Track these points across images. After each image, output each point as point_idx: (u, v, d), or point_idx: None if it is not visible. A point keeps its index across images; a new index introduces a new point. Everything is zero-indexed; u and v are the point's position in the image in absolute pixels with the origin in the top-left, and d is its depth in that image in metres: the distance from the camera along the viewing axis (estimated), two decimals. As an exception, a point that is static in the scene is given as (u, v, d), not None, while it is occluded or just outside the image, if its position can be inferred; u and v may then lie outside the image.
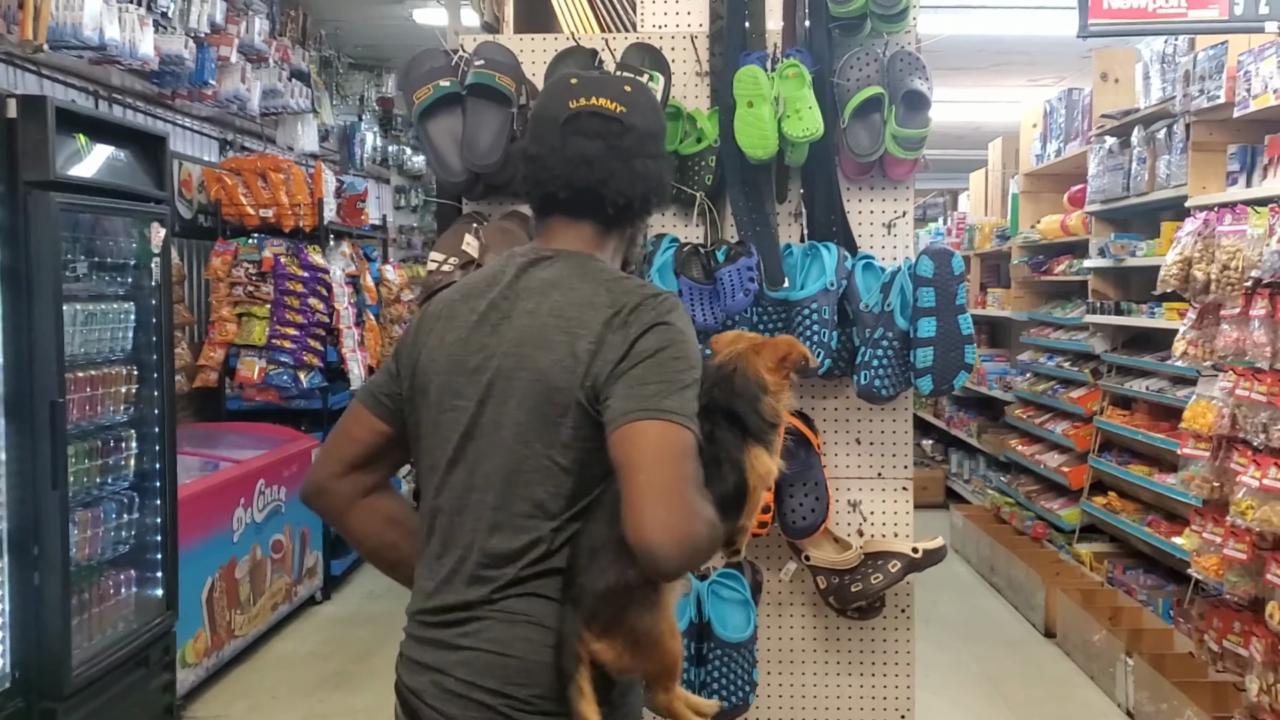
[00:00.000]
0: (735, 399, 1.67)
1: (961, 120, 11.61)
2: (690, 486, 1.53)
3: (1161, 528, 5.36)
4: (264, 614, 5.54)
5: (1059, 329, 7.01)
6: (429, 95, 2.75)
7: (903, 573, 2.72)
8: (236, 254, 6.33)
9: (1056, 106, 7.08)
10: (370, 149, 9.78)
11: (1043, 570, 6.03)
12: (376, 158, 10.07)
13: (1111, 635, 4.91)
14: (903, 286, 2.66)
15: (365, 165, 9.63)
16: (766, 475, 1.68)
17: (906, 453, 2.88)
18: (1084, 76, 8.15)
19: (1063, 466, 6.54)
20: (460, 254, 2.78)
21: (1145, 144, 5.45)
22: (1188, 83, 4.89)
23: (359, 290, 7.09)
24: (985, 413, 8.63)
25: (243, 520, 5.28)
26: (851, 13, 2.72)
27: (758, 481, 1.66)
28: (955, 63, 8.97)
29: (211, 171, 6.54)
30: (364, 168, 9.57)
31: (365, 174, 9.48)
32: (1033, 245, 7.47)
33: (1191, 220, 3.75)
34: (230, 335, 6.27)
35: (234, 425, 6.25)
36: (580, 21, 3.16)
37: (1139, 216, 6.01)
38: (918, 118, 2.73)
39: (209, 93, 6.00)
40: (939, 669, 5.14)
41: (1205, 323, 3.68)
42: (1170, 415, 5.38)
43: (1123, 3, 4.21)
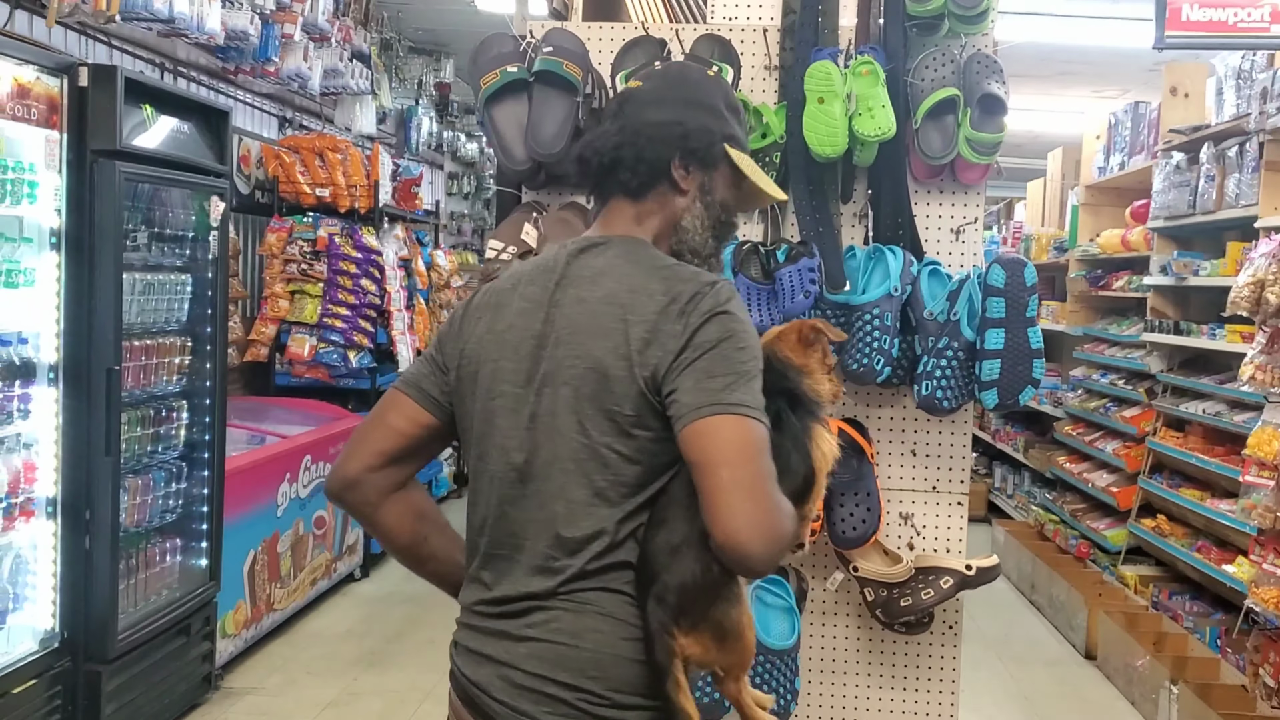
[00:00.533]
0: (784, 380, 1.70)
1: (1021, 128, 11.45)
2: (771, 482, 1.53)
3: (1211, 554, 5.25)
4: (303, 589, 5.57)
5: (1114, 346, 6.89)
6: (496, 80, 2.72)
7: (955, 589, 2.66)
8: (292, 231, 6.37)
9: (1122, 119, 6.96)
10: (426, 134, 9.81)
11: (1085, 591, 5.93)
12: (432, 143, 10.10)
13: (1155, 661, 4.82)
14: (971, 295, 2.60)
15: (420, 150, 9.66)
16: (830, 454, 1.69)
17: (964, 467, 2.82)
18: (1150, 90, 8.02)
19: (1111, 486, 6.43)
20: (519, 243, 2.75)
21: (1214, 161, 5.34)
22: (1265, 100, 4.77)
23: (410, 274, 7.11)
24: (1033, 427, 8.51)
25: (287, 495, 5.31)
26: (930, 12, 2.67)
27: (823, 463, 1.68)
28: (1019, 69, 8.85)
29: (270, 148, 6.58)
30: (419, 152, 9.60)
31: (420, 159, 9.51)
32: (1091, 259, 7.35)
33: (1266, 241, 3.66)
34: (282, 312, 6.31)
35: (282, 401, 6.30)
36: (650, 11, 3.13)
37: (1203, 235, 5.89)
38: (993, 122, 2.67)
39: (271, 69, 6.03)
40: (975, 686, 5.06)
41: (1275, 348, 3.59)
42: (1226, 440, 5.27)
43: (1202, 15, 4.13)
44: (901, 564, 2.71)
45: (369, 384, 6.52)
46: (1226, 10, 4.15)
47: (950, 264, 2.78)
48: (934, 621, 2.79)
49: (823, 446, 1.68)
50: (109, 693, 3.76)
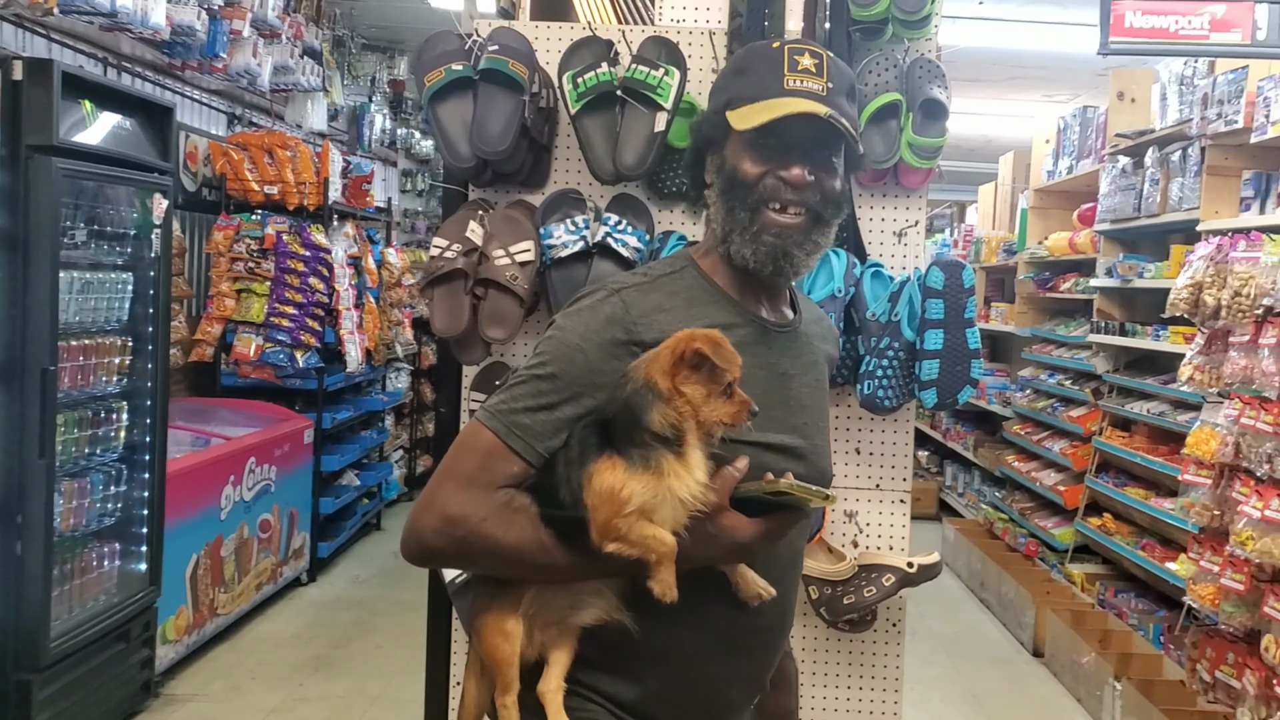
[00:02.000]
0: (613, 407, 1.49)
1: (974, 133, 11.57)
2: (445, 477, 1.54)
3: (1156, 552, 5.32)
4: (248, 593, 5.50)
5: (1061, 347, 6.98)
6: (441, 78, 2.70)
7: (897, 586, 2.68)
8: (239, 229, 6.28)
9: (1070, 123, 7.04)
10: (379, 131, 9.73)
11: (1033, 588, 5.99)
12: (385, 140, 10.02)
13: (1100, 658, 4.88)
14: (911, 297, 2.62)
15: (373, 147, 9.59)
16: (607, 492, 1.44)
17: (906, 465, 2.84)
18: (1099, 95, 8.13)
19: (1058, 485, 6.51)
20: (464, 240, 2.74)
21: (1159, 165, 5.42)
22: (1206, 106, 4.85)
23: (360, 272, 7.04)
24: (983, 427, 8.60)
25: (231, 498, 5.24)
26: (873, 17, 2.68)
27: (596, 500, 1.45)
28: (970, 74, 8.94)
29: (218, 145, 6.50)
30: (371, 149, 9.52)
31: (372, 156, 9.44)
32: (1039, 261, 7.44)
33: (1204, 244, 3.71)
34: (228, 311, 6.22)
35: (227, 401, 6.21)
36: (597, 11, 3.11)
37: (1148, 238, 5.98)
38: (935, 126, 2.68)
39: (219, 65, 5.95)
40: (924, 683, 5.11)
41: (1213, 348, 3.64)
42: (1170, 439, 5.35)
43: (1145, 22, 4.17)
44: (845, 562, 2.72)
45: (316, 384, 6.45)
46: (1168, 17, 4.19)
47: (893, 266, 2.80)
48: (877, 619, 2.80)
49: (595, 482, 1.46)
50: (40, 702, 3.68)
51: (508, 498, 1.53)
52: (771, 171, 1.61)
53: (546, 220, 2.70)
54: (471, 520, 1.51)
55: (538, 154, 2.82)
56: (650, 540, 1.45)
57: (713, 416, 1.48)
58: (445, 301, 2.72)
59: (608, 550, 1.46)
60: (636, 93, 2.63)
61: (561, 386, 1.55)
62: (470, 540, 1.52)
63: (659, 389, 1.47)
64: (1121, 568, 5.91)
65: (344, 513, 7.01)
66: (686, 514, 1.47)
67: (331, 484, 6.86)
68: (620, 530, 1.45)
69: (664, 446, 1.45)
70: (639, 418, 1.46)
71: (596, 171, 2.68)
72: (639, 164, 2.63)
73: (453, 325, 2.70)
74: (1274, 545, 3.14)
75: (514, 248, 2.69)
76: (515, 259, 2.69)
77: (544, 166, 2.86)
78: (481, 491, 1.52)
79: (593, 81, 2.65)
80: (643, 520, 1.45)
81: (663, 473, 1.45)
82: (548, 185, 2.87)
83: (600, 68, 2.67)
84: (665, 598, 1.46)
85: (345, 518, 7.05)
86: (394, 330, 7.84)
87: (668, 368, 1.47)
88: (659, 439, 1.45)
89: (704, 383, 1.48)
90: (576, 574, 1.54)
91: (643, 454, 1.45)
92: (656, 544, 1.45)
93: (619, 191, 2.78)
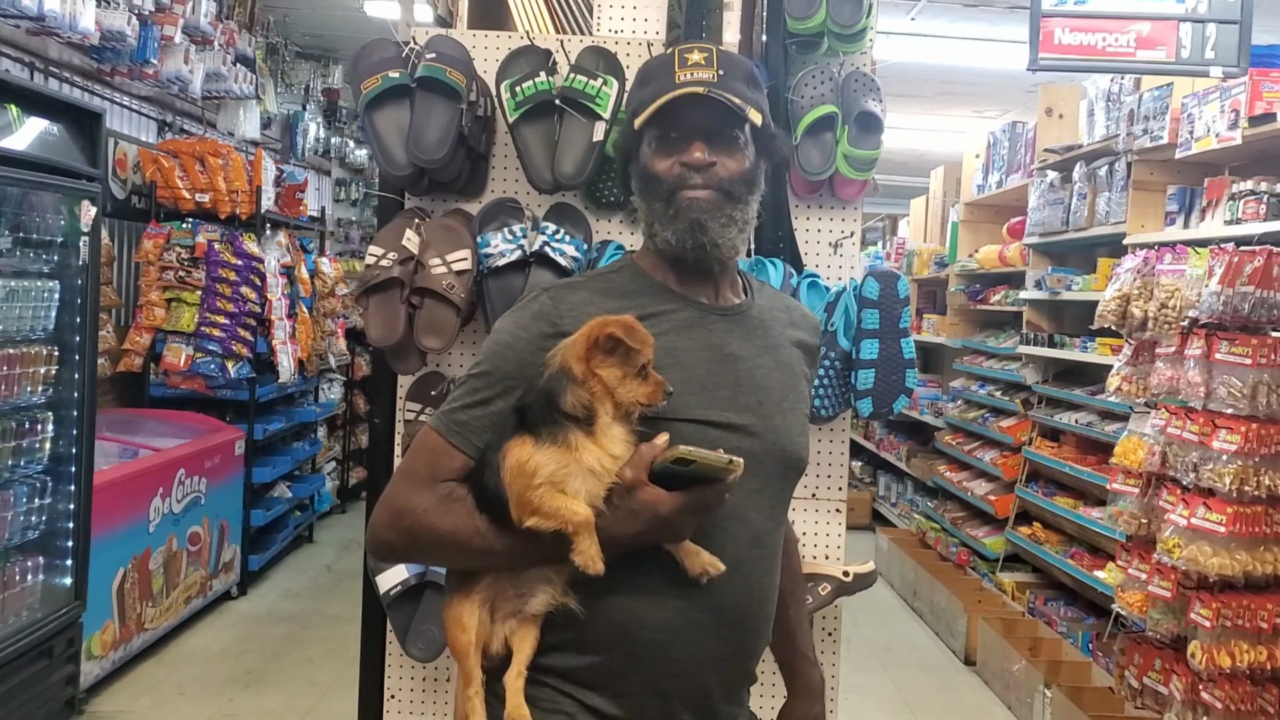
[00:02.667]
0: (530, 394, 1.57)
1: (905, 147, 11.75)
2: (398, 476, 1.66)
3: (1084, 560, 5.42)
4: (176, 607, 5.39)
5: (992, 358, 7.09)
6: (377, 85, 2.68)
7: (832, 596, 2.70)
8: (169, 238, 6.18)
9: (1000, 138, 7.18)
10: (313, 139, 9.63)
11: (965, 597, 6.07)
12: (318, 149, 9.92)
13: (1031, 666, 4.96)
14: (847, 307, 2.65)
15: (306, 156, 9.48)
16: (517, 467, 1.52)
17: (842, 475, 2.86)
18: (1028, 111, 8.29)
19: (989, 495, 6.60)
20: (400, 249, 2.71)
21: (1086, 180, 5.54)
22: (1132, 122, 4.97)
23: (293, 282, 6.96)
24: (915, 437, 8.71)
25: (160, 510, 5.13)
26: (809, 30, 2.71)
27: (510, 476, 1.52)
28: (902, 89, 9.07)
29: (148, 152, 6.39)
30: (305, 158, 9.42)
31: (306, 164, 9.33)
32: (970, 274, 7.56)
33: (1131, 258, 3.80)
34: (158, 320, 6.11)
35: (157, 412, 6.10)
36: (535, 21, 3.11)
37: (1076, 251, 6.11)
38: (870, 139, 2.72)
39: (150, 72, 5.86)
40: (858, 692, 5.15)
41: (1140, 360, 3.73)
42: (1098, 449, 5.45)
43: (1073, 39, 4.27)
44: (782, 573, 2.73)
45: (248, 395, 6.35)
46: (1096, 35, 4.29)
47: (829, 276, 2.82)
48: (814, 629, 2.82)
49: (508, 459, 1.53)
50: (-42, 720, 3.58)
51: (448, 490, 1.62)
52: (675, 160, 1.69)
53: (484, 229, 2.69)
54: (415, 512, 1.61)
55: (475, 163, 2.80)
56: (563, 510, 1.50)
57: (629, 397, 1.55)
58: (381, 311, 2.70)
59: (527, 525, 1.52)
60: (575, 102, 2.63)
61: (494, 382, 1.64)
62: (415, 531, 1.62)
63: (573, 373, 1.54)
64: (1051, 576, 6.01)
65: (275, 525, 6.91)
66: (601, 486, 1.52)
67: (263, 496, 6.75)
68: (533, 503, 1.51)
69: (575, 425, 1.52)
70: (553, 400, 1.53)
71: (535, 180, 2.68)
72: (577, 173, 2.63)
73: (388, 335, 2.67)
74: (1199, 553, 3.21)
75: (451, 256, 2.68)
76: (452, 268, 2.67)
77: (481, 175, 2.85)
78: (426, 486, 1.62)
79: (531, 90, 2.64)
80: (554, 491, 1.51)
81: (570, 445, 1.51)
82: (485, 194, 2.85)
83: (539, 77, 2.66)
84: (589, 569, 1.51)
85: (277, 530, 6.94)
86: (327, 340, 7.76)
87: (582, 353, 1.54)
88: (570, 418, 1.52)
89: (619, 365, 1.54)
90: (512, 557, 1.58)
91: (551, 431, 1.52)
92: (569, 514, 1.50)
93: (557, 200, 2.78)
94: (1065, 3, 4.30)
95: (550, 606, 1.60)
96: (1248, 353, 3.20)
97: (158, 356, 6.14)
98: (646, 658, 1.62)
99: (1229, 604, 3.23)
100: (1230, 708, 3.24)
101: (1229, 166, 4.67)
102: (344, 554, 7.45)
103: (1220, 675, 3.25)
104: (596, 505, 1.52)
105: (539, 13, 3.14)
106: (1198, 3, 4.27)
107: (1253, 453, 3.18)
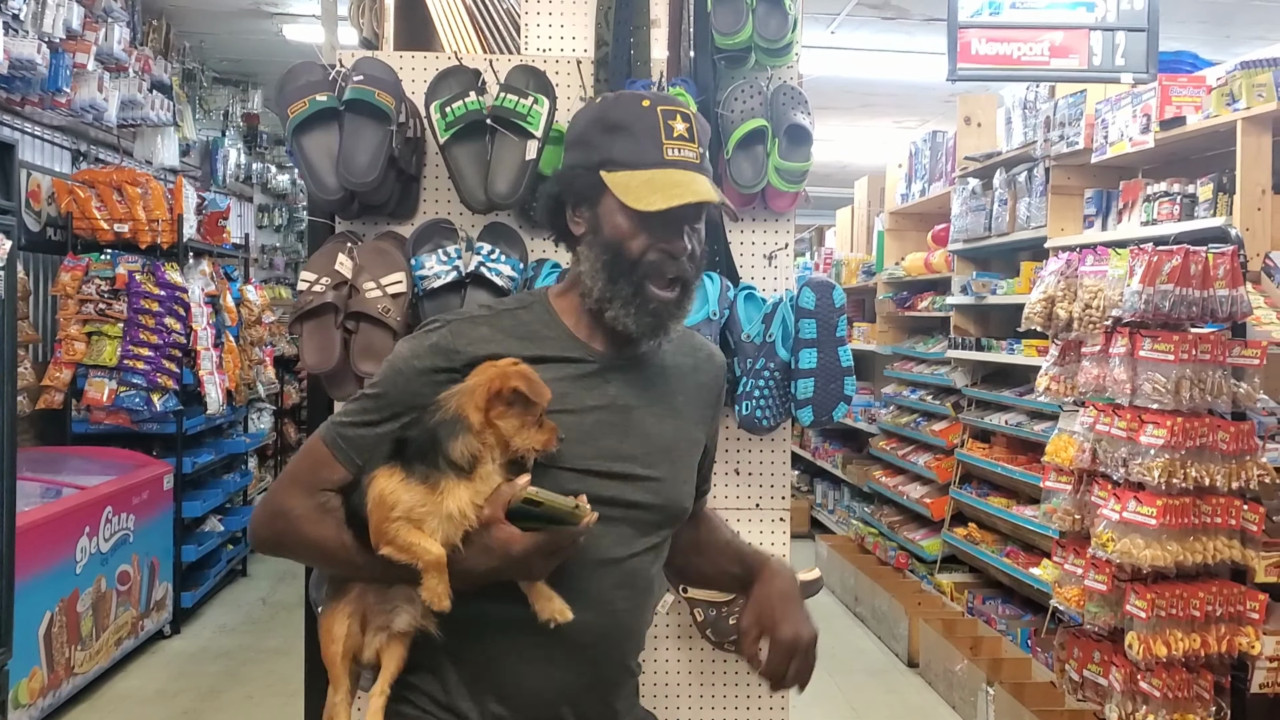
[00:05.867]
0: (416, 429, 1.60)
1: (830, 159, 11.91)
2: (283, 477, 1.72)
3: (1020, 558, 5.51)
4: (107, 650, 5.24)
5: (922, 363, 7.19)
6: (304, 109, 2.64)
7: (780, 605, 2.70)
8: (88, 269, 6.03)
9: (921, 148, 7.30)
10: (234, 166, 9.49)
11: (905, 600, 6.14)
12: (240, 175, 9.78)
13: (972, 665, 5.02)
14: (784, 317, 2.66)
15: (228, 182, 9.34)
16: (378, 497, 1.57)
17: (785, 484, 2.88)
18: (947, 120, 8.45)
19: (924, 498, 6.69)
20: (333, 274, 2.68)
21: (1006, 186, 5.65)
22: (1048, 128, 5.09)
23: (219, 311, 6.83)
24: (850, 444, 8.79)
25: (87, 550, 4.99)
26: (736, 45, 2.73)
27: (374, 504, 1.57)
28: (824, 102, 9.20)
29: (63, 183, 6.23)
30: (226, 185, 9.27)
31: (228, 191, 9.19)
32: (897, 281, 7.67)
33: (1054, 260, 3.88)
34: (78, 355, 5.95)
35: (80, 450, 5.93)
36: (462, 41, 3.10)
37: (999, 256, 6.23)
38: (800, 151, 2.74)
39: (62, 100, 5.72)
40: (805, 700, 5.13)
41: (1067, 359, 3.80)
42: (1028, 449, 5.56)
43: (990, 49, 4.37)
44: (729, 585, 2.73)
45: (175, 428, 6.21)
46: (1011, 45, 4.40)
47: (764, 288, 2.84)
48: (762, 640, 2.82)
49: (372, 488, 1.58)
50: (-115, 776, 3.44)
51: (325, 499, 1.67)
52: (654, 246, 1.67)
53: (418, 251, 2.66)
54: (290, 516, 1.67)
55: (406, 184, 2.78)
56: (416, 547, 1.55)
57: (525, 445, 1.60)
58: (315, 337, 2.66)
59: (382, 553, 1.57)
60: (506, 121, 2.62)
61: (384, 405, 1.67)
62: (287, 533, 1.68)
63: (469, 422, 1.57)
64: (988, 575, 6.10)
65: (208, 560, 6.76)
66: (458, 530, 1.56)
67: (194, 531, 6.61)
68: (388, 534, 1.56)
69: (453, 470, 1.56)
70: (441, 444, 1.57)
71: (468, 201, 2.66)
72: (511, 192, 2.62)
73: (324, 361, 2.64)
74: (1132, 546, 3.28)
75: (385, 279, 2.65)
76: (387, 291, 2.64)
77: (413, 197, 2.83)
78: (305, 492, 1.68)
79: (461, 110, 2.63)
80: (410, 528, 1.56)
81: (437, 489, 1.56)
82: (417, 216, 2.83)
83: (469, 96, 2.65)
84: (434, 606, 1.57)
85: (209, 565, 6.80)
86: (255, 369, 7.63)
87: (481, 403, 1.58)
88: (452, 465, 1.56)
89: (518, 415, 1.59)
90: (373, 571, 1.63)
91: (425, 471, 1.56)
92: (422, 551, 1.55)
93: (491, 220, 2.77)
94: (981, 13, 4.41)
95: (412, 627, 1.65)
96: (1170, 349, 3.29)
97: (79, 392, 5.98)
98: (506, 685, 1.68)
99: (1163, 594, 3.30)
100: (1168, 695, 3.32)
101: (1143, 169, 4.81)
102: (279, 586, 7.32)
103: (1157, 664, 3.32)
104: (453, 543, 1.57)
105: (466, 33, 3.13)
106: (1106, 12, 4.41)
107: (1179, 446, 3.26)
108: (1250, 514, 3.35)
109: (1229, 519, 3.34)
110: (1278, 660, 3.44)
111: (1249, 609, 3.38)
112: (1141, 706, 3.36)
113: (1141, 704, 3.36)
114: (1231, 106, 3.97)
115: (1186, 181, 4.28)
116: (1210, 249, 3.37)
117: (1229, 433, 3.29)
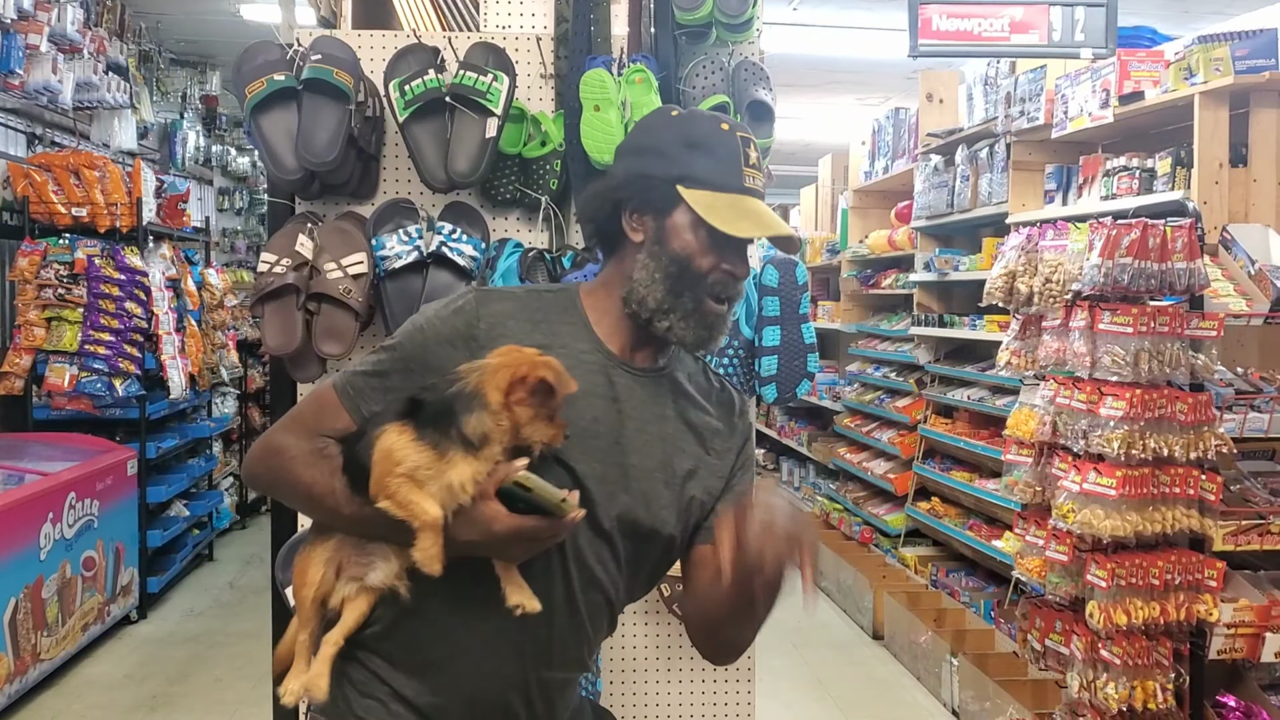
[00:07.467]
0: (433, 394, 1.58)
1: (793, 137, 11.91)
2: (287, 416, 1.74)
3: (982, 531, 5.58)
4: (74, 635, 5.21)
5: (885, 340, 7.24)
6: (262, 89, 2.62)
7: (746, 579, 2.72)
8: (46, 254, 5.96)
9: (884, 125, 7.32)
10: (192, 148, 9.39)
11: (870, 574, 6.20)
12: (199, 158, 9.67)
13: (937, 636, 5.08)
14: (748, 295, 2.68)
15: (187, 165, 9.23)
16: (386, 450, 1.55)
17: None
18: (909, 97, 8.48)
19: (888, 473, 6.75)
20: (293, 255, 2.66)
21: (968, 162, 5.69)
22: (1009, 104, 5.12)
23: (180, 295, 6.77)
24: (815, 422, 8.85)
25: (51, 536, 4.95)
26: (697, 20, 2.73)
27: (380, 456, 1.56)
28: (787, 80, 9.20)
29: (18, 167, 6.15)
30: (185, 168, 9.17)
31: (187, 174, 9.08)
32: (861, 259, 7.70)
33: (1015, 235, 3.90)
34: (38, 340, 5.89)
35: (41, 436, 5.88)
36: (421, 19, 3.08)
37: (962, 232, 6.27)
38: (762, 128, 2.75)
39: (15, 83, 5.64)
40: (773, 674, 5.22)
41: (1028, 334, 3.83)
42: (990, 423, 5.62)
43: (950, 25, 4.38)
44: (695, 561, 2.75)
45: (138, 413, 6.16)
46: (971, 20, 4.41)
47: (728, 265, 2.85)
48: (729, 615, 2.84)
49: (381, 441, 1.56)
50: None
51: (323, 444, 1.66)
52: (718, 265, 1.70)
53: (378, 231, 2.65)
54: (285, 455, 1.68)
55: (366, 164, 2.77)
56: (415, 506, 1.54)
57: (534, 436, 1.58)
58: (277, 318, 2.65)
59: (380, 505, 1.55)
60: (466, 99, 2.61)
61: (398, 359, 1.69)
62: (279, 471, 1.69)
63: (488, 401, 1.54)
64: (951, 548, 6.17)
65: (174, 545, 6.72)
66: (453, 502, 1.55)
67: (159, 516, 6.56)
68: (390, 488, 1.55)
69: (461, 444, 1.54)
70: (454, 416, 1.55)
71: (429, 180, 2.65)
72: (472, 170, 2.61)
73: (286, 343, 2.63)
74: (1093, 516, 3.32)
75: (346, 260, 2.64)
76: (348, 272, 2.63)
77: (373, 176, 2.81)
78: (305, 434, 1.68)
79: (420, 89, 2.62)
80: (412, 485, 1.54)
81: (444, 457, 1.54)
82: (377, 195, 2.82)
83: (428, 75, 2.64)
84: (425, 568, 1.54)
85: (175, 550, 6.75)
86: (218, 353, 7.57)
87: (504, 385, 1.55)
88: (463, 439, 1.54)
89: (536, 406, 1.56)
90: (355, 524, 1.62)
91: (436, 437, 1.54)
92: (420, 510, 1.54)
93: (452, 200, 2.76)
94: (941, -11, 4.41)
95: (385, 584, 1.64)
96: (1129, 322, 3.32)
97: (40, 378, 5.92)
98: (459, 661, 1.67)
99: (1122, 564, 3.35)
100: (1128, 663, 3.36)
101: (1102, 144, 4.84)
102: (247, 570, 7.28)
103: (1117, 632, 3.37)
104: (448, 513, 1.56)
105: (424, 10, 3.11)
106: (1066, -13, 4.42)
107: (1138, 417, 3.30)
108: (1208, 483, 3.40)
109: (1187, 489, 3.39)
110: (1235, 627, 3.50)
111: (1207, 577, 3.43)
112: (1102, 674, 3.41)
113: (1102, 671, 3.41)
114: (1189, 81, 4.00)
115: (1145, 156, 4.32)
116: (1168, 223, 3.40)
117: (1187, 404, 3.33)
